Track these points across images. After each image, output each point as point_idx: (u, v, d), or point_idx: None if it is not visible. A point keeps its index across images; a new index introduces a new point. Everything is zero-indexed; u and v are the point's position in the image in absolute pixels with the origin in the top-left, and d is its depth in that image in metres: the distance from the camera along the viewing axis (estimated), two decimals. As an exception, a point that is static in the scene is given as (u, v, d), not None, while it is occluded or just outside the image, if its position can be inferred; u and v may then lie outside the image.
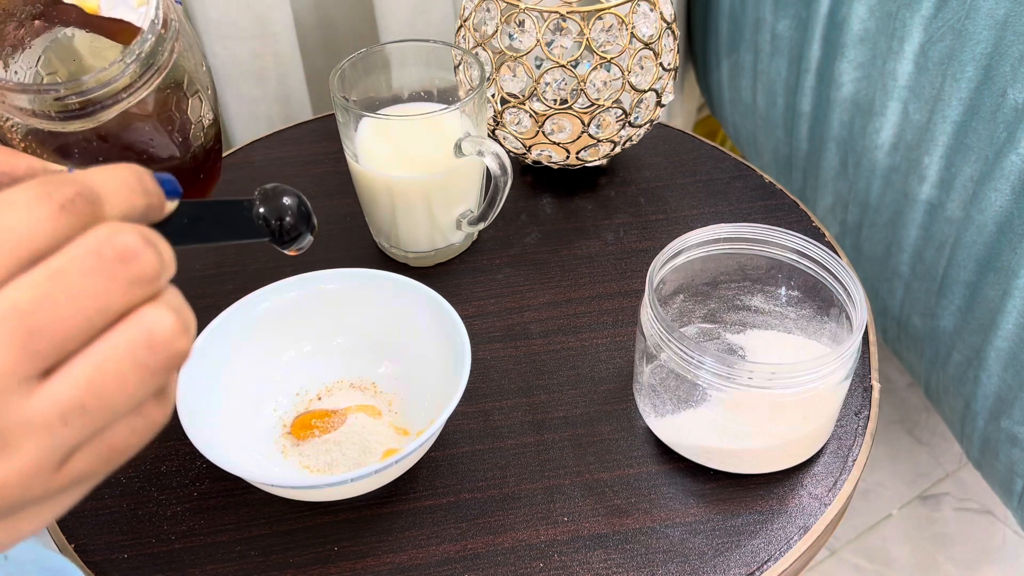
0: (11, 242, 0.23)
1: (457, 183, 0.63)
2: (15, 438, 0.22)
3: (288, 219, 0.33)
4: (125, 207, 0.25)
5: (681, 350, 0.48)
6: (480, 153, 0.59)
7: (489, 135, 0.69)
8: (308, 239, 0.34)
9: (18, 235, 0.23)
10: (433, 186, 0.61)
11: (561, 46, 0.62)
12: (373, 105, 0.65)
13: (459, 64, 0.65)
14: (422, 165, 0.61)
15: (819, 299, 0.54)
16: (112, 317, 0.23)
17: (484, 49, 0.64)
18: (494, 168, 0.59)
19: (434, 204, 0.62)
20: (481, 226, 0.64)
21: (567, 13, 0.61)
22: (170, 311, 0.24)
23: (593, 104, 0.63)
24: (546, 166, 0.70)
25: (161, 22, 0.47)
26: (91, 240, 0.23)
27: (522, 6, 0.61)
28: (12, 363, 0.22)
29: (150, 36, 0.46)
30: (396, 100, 0.66)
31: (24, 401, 0.22)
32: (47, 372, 0.23)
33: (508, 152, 0.70)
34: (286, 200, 0.33)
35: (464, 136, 0.59)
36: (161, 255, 0.24)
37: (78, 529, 0.51)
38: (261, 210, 0.33)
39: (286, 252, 0.35)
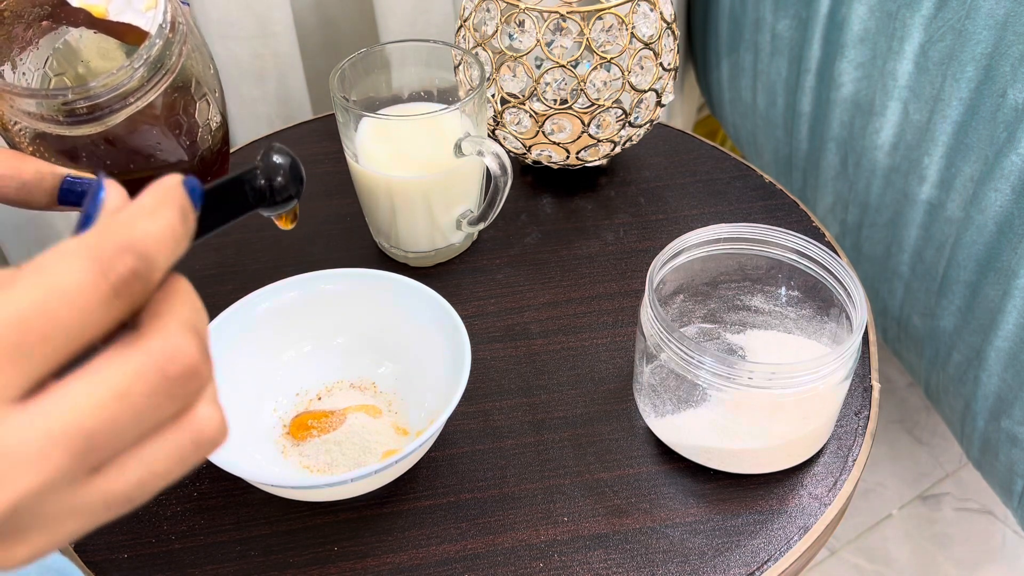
0: (61, 337, 0.22)
1: (457, 183, 0.63)
2: (58, 523, 0.23)
3: (279, 179, 0.31)
4: (172, 261, 0.25)
5: (681, 350, 0.48)
6: (480, 153, 0.59)
7: (489, 135, 0.69)
8: (295, 203, 0.33)
9: (68, 328, 0.22)
10: (433, 186, 0.61)
11: (561, 46, 0.62)
12: (373, 105, 0.65)
13: (459, 64, 0.65)
14: (422, 165, 0.61)
15: (819, 299, 0.54)
16: (166, 421, 0.24)
17: (484, 49, 0.64)
18: (494, 168, 0.59)
19: (434, 204, 0.62)
20: (481, 226, 0.64)
21: (567, 13, 0.61)
22: (216, 408, 0.25)
23: (593, 104, 0.63)
24: (546, 166, 0.70)
25: (169, 25, 0.47)
26: (157, 356, 0.23)
27: (522, 6, 0.61)
28: (69, 470, 0.22)
29: (158, 40, 0.46)
30: (396, 100, 0.66)
31: (73, 495, 0.23)
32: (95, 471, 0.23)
33: (508, 152, 0.70)
34: (278, 159, 0.31)
35: (464, 136, 0.59)
36: (210, 356, 0.24)
37: (78, 529, 0.51)
38: (262, 181, 0.31)
39: (275, 218, 0.34)
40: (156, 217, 0.24)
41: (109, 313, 0.22)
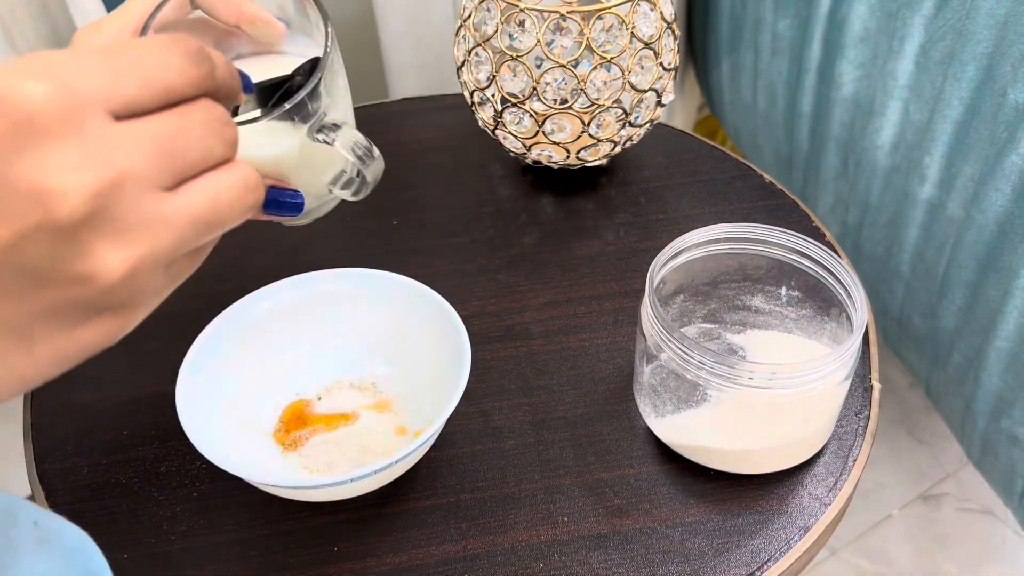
0: (147, 74, 0.29)
1: (318, 154, 0.49)
2: (149, 228, 0.29)
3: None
4: (226, 80, 0.32)
5: (681, 350, 0.48)
6: (332, 142, 0.47)
7: (490, 135, 0.69)
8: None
9: (152, 70, 0.29)
10: (288, 165, 0.49)
11: (561, 46, 0.62)
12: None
13: (461, 65, 0.65)
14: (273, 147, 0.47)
15: (819, 299, 0.54)
16: (214, 163, 0.31)
17: (484, 49, 0.64)
18: (354, 160, 0.47)
19: (295, 180, 0.49)
20: (355, 196, 0.52)
21: (567, 13, 0.61)
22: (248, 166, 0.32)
23: (593, 104, 0.63)
24: (546, 166, 0.70)
25: None
26: (208, 104, 0.31)
27: (522, 6, 0.61)
28: (152, 171, 0.29)
29: None
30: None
31: (159, 201, 0.29)
32: (169, 189, 0.29)
33: (509, 152, 0.70)
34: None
35: (317, 119, 0.47)
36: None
37: (78, 529, 0.51)
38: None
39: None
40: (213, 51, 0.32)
41: (184, 70, 0.30)
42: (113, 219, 0.28)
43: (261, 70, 0.50)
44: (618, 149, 0.68)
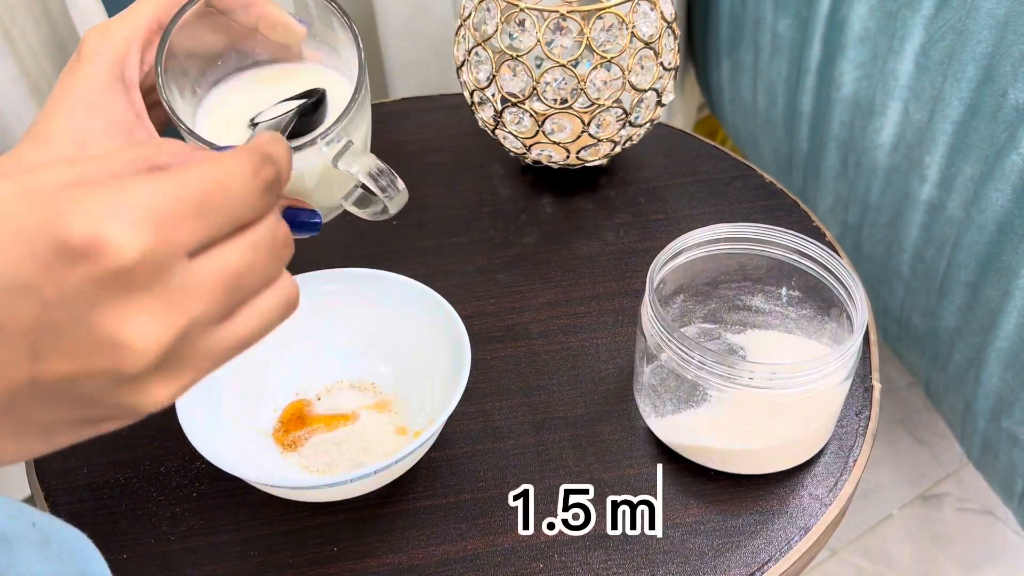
0: (230, 209, 0.29)
1: (334, 178, 0.51)
2: (200, 363, 0.29)
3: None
4: (286, 182, 0.32)
5: (681, 350, 0.48)
6: (355, 172, 0.49)
7: (489, 135, 0.69)
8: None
9: (235, 203, 0.29)
10: (309, 186, 0.51)
11: (561, 46, 0.62)
12: (219, 71, 0.52)
13: (461, 65, 0.65)
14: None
15: (819, 299, 0.54)
16: (270, 280, 0.31)
17: (484, 49, 0.64)
18: (377, 191, 0.49)
19: (308, 196, 0.52)
20: (373, 215, 0.54)
21: (567, 13, 0.60)
22: (293, 279, 0.32)
23: (593, 104, 0.63)
24: (546, 166, 0.70)
25: None
26: (274, 225, 0.30)
27: (522, 6, 0.61)
28: (217, 312, 0.29)
29: None
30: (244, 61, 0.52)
31: (214, 336, 0.29)
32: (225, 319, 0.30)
33: (510, 152, 0.70)
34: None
35: (343, 148, 0.48)
36: None
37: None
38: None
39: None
40: (280, 145, 0.31)
41: (259, 204, 0.29)
42: (172, 361, 0.28)
43: (281, 81, 0.51)
44: (618, 149, 0.68)
